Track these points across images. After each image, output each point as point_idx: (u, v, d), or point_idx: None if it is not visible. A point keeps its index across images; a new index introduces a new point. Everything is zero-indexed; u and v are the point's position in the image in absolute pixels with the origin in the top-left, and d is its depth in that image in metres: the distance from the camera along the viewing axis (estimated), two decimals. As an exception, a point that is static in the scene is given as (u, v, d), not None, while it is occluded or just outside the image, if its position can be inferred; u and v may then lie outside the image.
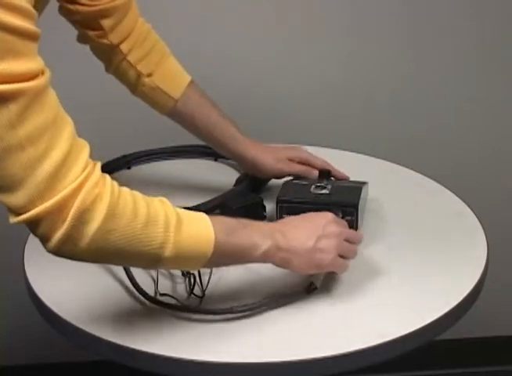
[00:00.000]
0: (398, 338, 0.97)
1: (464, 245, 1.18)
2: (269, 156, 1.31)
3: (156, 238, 0.88)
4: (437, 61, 1.74)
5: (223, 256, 0.94)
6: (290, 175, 1.31)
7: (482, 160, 1.84)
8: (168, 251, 0.89)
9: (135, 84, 1.29)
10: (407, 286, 1.08)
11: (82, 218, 0.83)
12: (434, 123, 1.80)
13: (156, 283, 1.06)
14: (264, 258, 0.98)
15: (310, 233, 1.01)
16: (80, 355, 1.42)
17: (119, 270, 1.08)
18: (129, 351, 0.95)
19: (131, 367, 0.97)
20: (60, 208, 0.82)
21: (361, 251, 1.08)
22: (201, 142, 1.37)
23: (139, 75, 1.27)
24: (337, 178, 1.31)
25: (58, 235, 0.83)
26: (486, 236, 1.20)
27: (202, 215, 0.94)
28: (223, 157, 1.43)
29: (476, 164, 1.84)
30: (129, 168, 1.45)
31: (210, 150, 1.43)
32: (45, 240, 0.85)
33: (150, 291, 1.05)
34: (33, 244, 1.18)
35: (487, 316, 1.83)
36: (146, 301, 1.04)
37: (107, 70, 1.30)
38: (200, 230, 0.92)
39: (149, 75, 1.27)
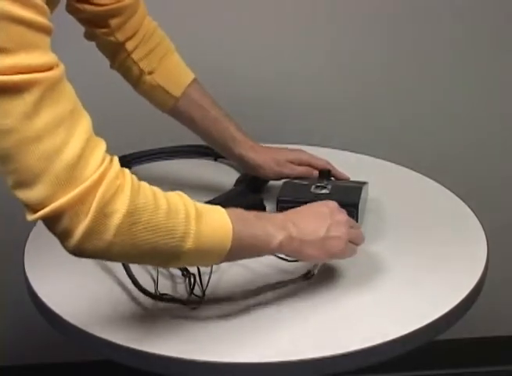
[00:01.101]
0: (398, 338, 0.97)
1: (464, 245, 1.18)
2: (269, 159, 1.30)
3: (178, 229, 0.86)
4: (439, 60, 1.74)
5: (241, 247, 0.93)
6: (290, 177, 1.30)
7: (483, 160, 1.84)
8: (190, 243, 0.87)
9: (136, 82, 1.29)
10: (407, 286, 1.08)
11: (105, 210, 0.81)
12: (435, 123, 1.80)
13: (156, 283, 1.06)
14: (279, 248, 0.97)
15: (319, 221, 1.02)
16: (80, 355, 1.43)
17: (119, 270, 1.08)
18: (129, 351, 0.95)
19: (131, 367, 0.97)
20: (82, 200, 0.80)
21: (361, 250, 1.08)
22: (201, 142, 1.37)
23: (141, 73, 1.27)
24: (337, 178, 1.30)
25: (81, 229, 0.81)
26: (486, 236, 1.20)
27: (218, 207, 0.93)
28: (223, 157, 1.42)
29: (476, 165, 1.84)
30: (129, 168, 1.44)
31: (209, 150, 1.42)
32: (66, 236, 0.82)
33: (150, 292, 1.05)
34: (33, 244, 1.18)
35: (487, 316, 1.82)
36: (146, 301, 1.04)
37: (111, 66, 1.30)
38: (219, 221, 0.91)
39: (151, 73, 1.27)
